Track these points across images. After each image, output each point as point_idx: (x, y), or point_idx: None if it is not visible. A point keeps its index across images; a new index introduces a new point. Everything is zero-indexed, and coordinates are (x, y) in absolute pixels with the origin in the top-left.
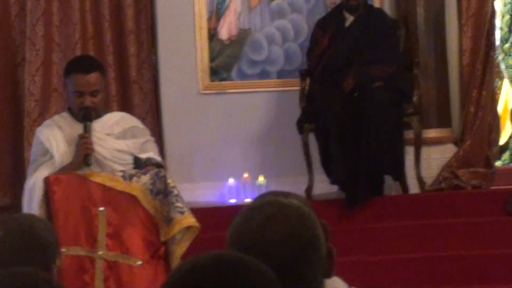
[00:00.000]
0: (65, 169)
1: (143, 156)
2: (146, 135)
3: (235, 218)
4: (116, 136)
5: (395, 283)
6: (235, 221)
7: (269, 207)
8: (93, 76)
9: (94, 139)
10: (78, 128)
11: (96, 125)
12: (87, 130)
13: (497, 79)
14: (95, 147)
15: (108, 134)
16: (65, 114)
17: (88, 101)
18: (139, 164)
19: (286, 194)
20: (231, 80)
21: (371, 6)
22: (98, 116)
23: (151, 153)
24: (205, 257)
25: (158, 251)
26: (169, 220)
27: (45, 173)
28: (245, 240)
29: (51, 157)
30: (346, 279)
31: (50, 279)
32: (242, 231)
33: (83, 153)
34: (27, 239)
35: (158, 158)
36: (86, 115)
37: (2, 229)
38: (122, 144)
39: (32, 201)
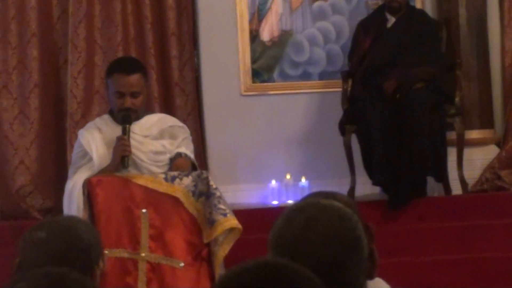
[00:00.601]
0: (103, 172)
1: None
2: (184, 133)
3: (277, 220)
4: (154, 137)
5: (437, 284)
6: (277, 223)
7: (310, 208)
8: (135, 77)
9: (132, 141)
10: (118, 131)
11: (135, 127)
12: (125, 132)
13: None
14: (133, 150)
15: (146, 136)
16: (106, 116)
17: (128, 102)
18: (171, 161)
19: (330, 195)
20: (273, 81)
21: (413, 7)
22: (138, 118)
23: (183, 148)
24: (252, 264)
25: (201, 253)
26: (211, 222)
27: (84, 175)
28: (287, 241)
29: (90, 159)
30: (389, 281)
31: (83, 280)
32: (284, 233)
33: (120, 155)
34: (69, 241)
35: (190, 154)
36: (125, 117)
37: (45, 231)
38: (158, 145)
39: (71, 204)
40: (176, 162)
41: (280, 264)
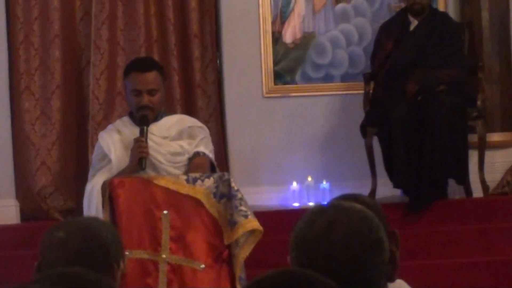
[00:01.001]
0: (122, 173)
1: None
2: (203, 133)
3: (299, 222)
4: (172, 138)
5: (458, 287)
6: (299, 225)
7: (332, 210)
8: (151, 75)
9: (151, 142)
10: (136, 132)
11: (153, 128)
12: (143, 134)
13: None
14: (151, 151)
15: (164, 137)
16: (125, 118)
17: (145, 99)
18: (190, 160)
19: (352, 197)
20: (295, 83)
21: (436, 9)
22: (156, 119)
23: (201, 148)
24: (272, 273)
25: (222, 254)
26: (232, 224)
27: (103, 178)
28: (308, 243)
29: (109, 161)
30: (410, 283)
31: (99, 280)
32: (305, 235)
33: (138, 157)
34: (87, 239)
35: (210, 154)
36: (142, 119)
37: (63, 231)
38: (176, 146)
39: (90, 206)
40: (194, 162)
41: (300, 274)
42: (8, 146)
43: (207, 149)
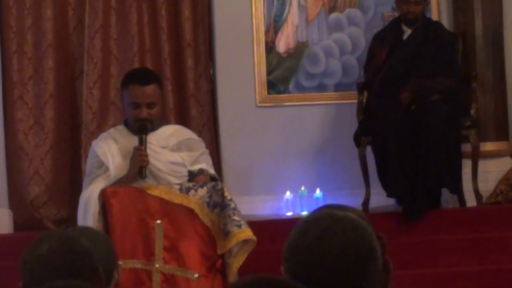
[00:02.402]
0: (120, 182)
1: (196, 167)
2: (201, 147)
3: (292, 231)
4: (171, 148)
5: None
6: (292, 234)
7: (325, 220)
8: (150, 88)
9: (149, 151)
10: (134, 141)
11: (152, 137)
12: (142, 143)
13: None
14: (150, 160)
15: (163, 147)
16: (120, 127)
17: (144, 113)
18: (192, 177)
19: (341, 207)
20: (289, 93)
21: (429, 19)
22: (154, 128)
23: (204, 165)
24: (249, 278)
25: (215, 264)
26: (226, 233)
27: (100, 186)
28: (301, 253)
29: (106, 169)
30: None
31: None
32: (299, 244)
33: (138, 165)
34: (70, 252)
35: (211, 170)
36: (141, 128)
37: (44, 247)
38: (177, 157)
39: (87, 214)
40: (197, 179)
41: (274, 280)
42: (1, 156)
43: (208, 164)
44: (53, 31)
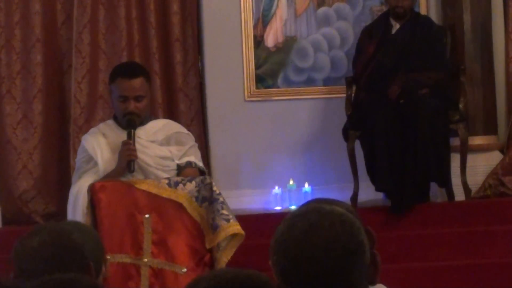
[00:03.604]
0: (109, 176)
1: (183, 160)
2: (190, 141)
3: (280, 226)
4: (160, 142)
5: None
6: (280, 229)
7: (313, 214)
8: (138, 81)
9: (138, 146)
10: (123, 135)
11: (140, 132)
12: (131, 137)
13: None
14: (139, 154)
15: (152, 141)
16: (110, 122)
17: (132, 106)
18: (180, 170)
19: (330, 201)
20: (277, 87)
21: (418, 13)
22: (142, 123)
23: (192, 157)
24: (221, 271)
25: (203, 258)
26: (214, 228)
27: (89, 180)
28: (289, 247)
29: (95, 164)
30: (391, 286)
31: (95, 284)
32: (287, 238)
33: (127, 160)
34: (61, 247)
35: (199, 163)
36: (130, 122)
37: (35, 240)
38: (166, 151)
39: (76, 209)
40: (186, 172)
41: (245, 275)
42: None
43: (197, 158)
44: (41, 26)
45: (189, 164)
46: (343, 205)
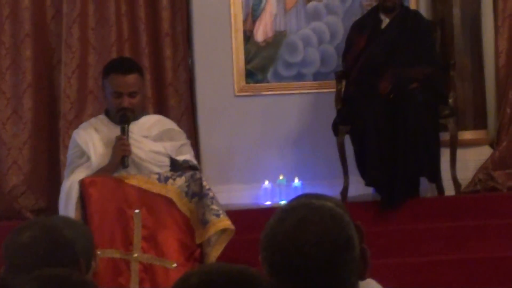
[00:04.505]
0: (102, 171)
1: (180, 158)
2: (182, 138)
3: (269, 220)
4: (153, 138)
5: (430, 285)
6: (269, 223)
7: (302, 209)
8: (132, 77)
9: (131, 141)
10: (115, 131)
11: (133, 127)
12: (124, 132)
13: None
14: (132, 149)
15: (145, 136)
16: (101, 117)
17: (126, 102)
18: (176, 166)
19: (319, 196)
20: (267, 82)
21: (407, 7)
22: (135, 118)
23: (188, 156)
24: (209, 267)
25: (194, 253)
26: (204, 223)
27: (82, 175)
28: (279, 242)
29: (88, 159)
30: (381, 281)
31: (85, 281)
32: (276, 233)
33: (120, 155)
34: (52, 242)
35: (194, 161)
36: (123, 118)
37: (26, 235)
38: (159, 146)
39: (68, 204)
40: None
41: (234, 270)
42: None
43: (192, 156)
44: (31, 21)
45: (185, 162)
46: (332, 200)
